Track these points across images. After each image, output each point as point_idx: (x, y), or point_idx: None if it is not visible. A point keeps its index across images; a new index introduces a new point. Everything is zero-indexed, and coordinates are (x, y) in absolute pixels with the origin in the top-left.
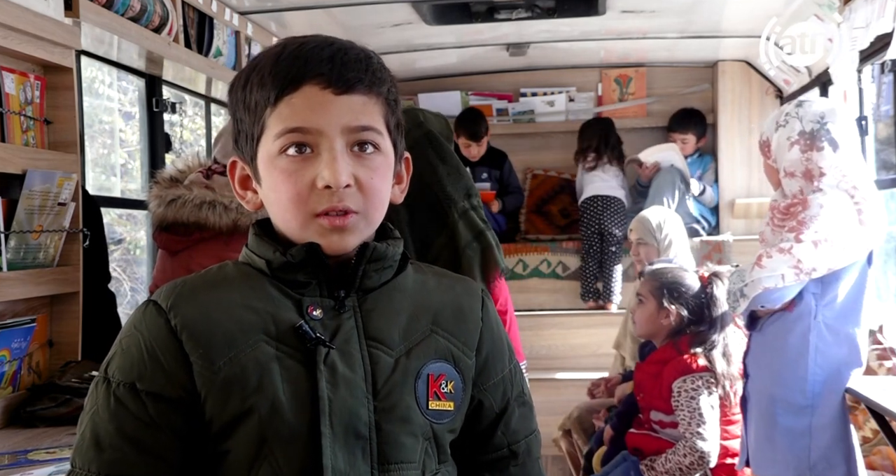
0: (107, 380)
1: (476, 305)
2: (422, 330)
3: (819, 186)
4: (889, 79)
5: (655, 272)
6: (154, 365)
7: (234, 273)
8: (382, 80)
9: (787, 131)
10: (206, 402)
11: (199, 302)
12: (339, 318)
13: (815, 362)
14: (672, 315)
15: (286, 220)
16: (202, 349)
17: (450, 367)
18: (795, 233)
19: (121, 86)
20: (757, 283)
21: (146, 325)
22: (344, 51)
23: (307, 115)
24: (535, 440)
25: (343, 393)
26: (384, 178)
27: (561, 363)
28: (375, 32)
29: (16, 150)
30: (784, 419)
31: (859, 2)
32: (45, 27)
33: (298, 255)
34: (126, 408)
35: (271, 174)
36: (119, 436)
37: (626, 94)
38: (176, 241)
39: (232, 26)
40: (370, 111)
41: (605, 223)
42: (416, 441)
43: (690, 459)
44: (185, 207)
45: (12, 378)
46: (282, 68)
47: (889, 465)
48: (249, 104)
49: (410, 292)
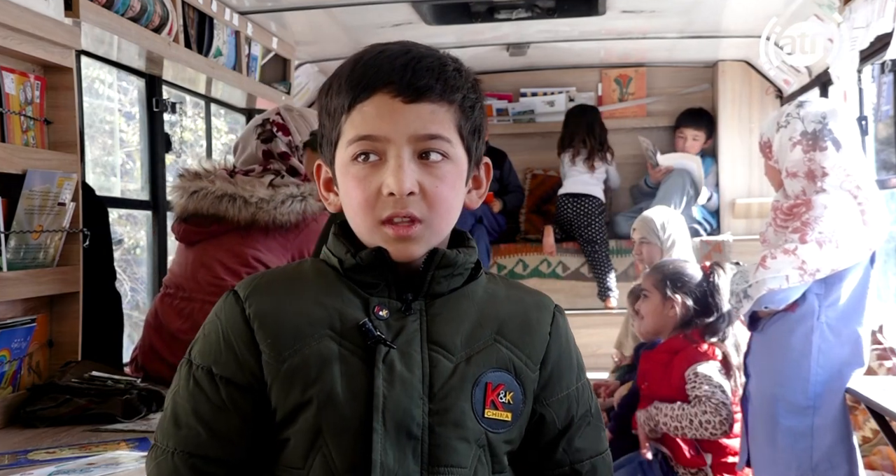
0: (189, 362)
1: (546, 319)
2: (485, 338)
3: (822, 187)
4: (889, 79)
5: (657, 265)
6: (228, 351)
7: (310, 270)
8: (456, 88)
9: (789, 132)
10: (272, 390)
11: (273, 294)
12: (403, 320)
13: (818, 363)
14: (677, 305)
15: (356, 224)
16: (270, 339)
17: (510, 378)
18: (800, 234)
19: (121, 86)
20: (761, 284)
21: (225, 312)
22: (418, 59)
23: (377, 123)
24: (601, 462)
25: (398, 392)
26: (452, 187)
27: None
28: (375, 32)
29: (16, 150)
30: (786, 419)
31: (859, 2)
32: (45, 27)
33: (367, 259)
34: (202, 390)
35: (344, 179)
36: (195, 416)
37: (626, 94)
38: (193, 232)
39: (232, 26)
40: (440, 119)
41: (576, 224)
42: (469, 447)
43: (709, 418)
44: (205, 199)
45: (12, 378)
46: (357, 76)
47: (889, 465)
48: (329, 110)
49: (478, 301)
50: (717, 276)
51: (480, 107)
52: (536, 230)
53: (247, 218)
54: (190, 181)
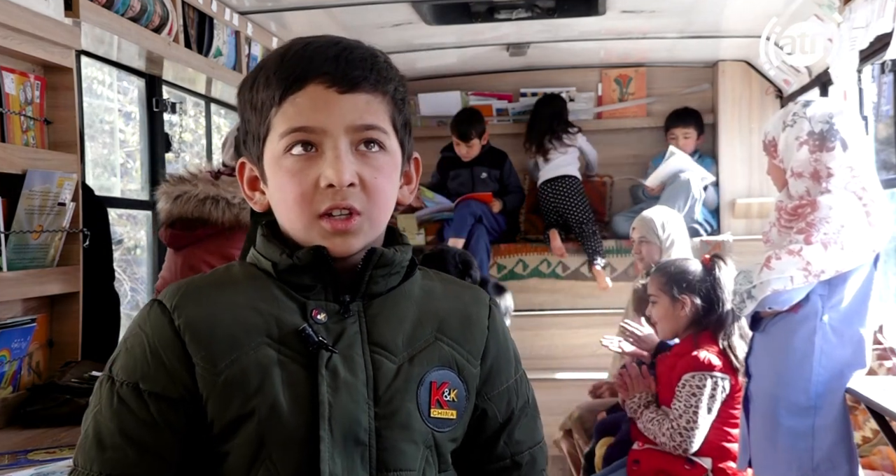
0: (111, 379)
1: (483, 313)
2: (426, 337)
3: (827, 187)
4: (889, 79)
5: (660, 268)
6: (157, 365)
7: (240, 274)
8: (388, 79)
9: (796, 131)
10: (208, 403)
11: (203, 302)
12: (343, 323)
13: (820, 363)
14: (687, 305)
15: (291, 220)
16: (205, 351)
17: (453, 376)
18: (805, 234)
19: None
20: (766, 285)
21: (150, 324)
22: (349, 50)
23: (311, 114)
24: (539, 451)
25: (344, 398)
26: (389, 178)
27: (561, 363)
28: (375, 32)
29: (16, 150)
30: (787, 420)
31: (859, 2)
32: (45, 27)
33: (305, 258)
34: (128, 407)
35: (277, 174)
36: (121, 435)
37: (626, 94)
38: (180, 236)
39: (232, 26)
40: (375, 110)
41: (561, 208)
42: (417, 448)
43: (665, 441)
44: (189, 203)
45: (12, 378)
46: (287, 68)
47: (889, 465)
48: (256, 104)
49: (417, 299)
50: (718, 268)
51: (407, 101)
52: (536, 230)
53: (230, 219)
54: (174, 186)
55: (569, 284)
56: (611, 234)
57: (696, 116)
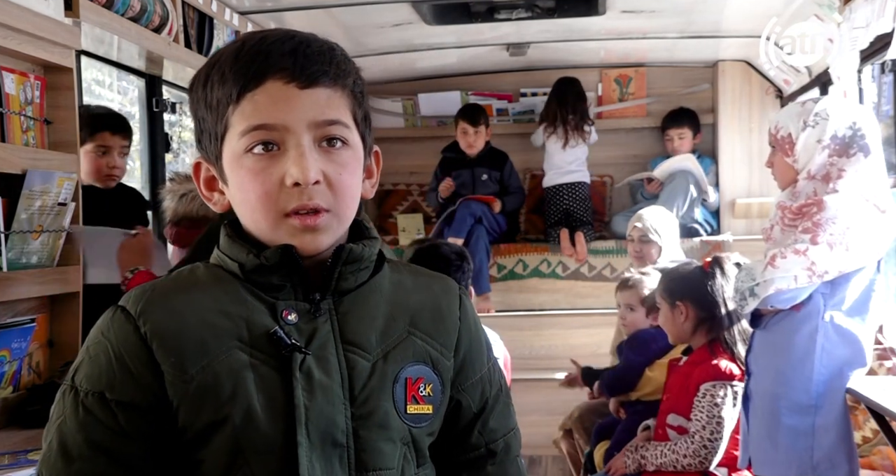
0: (74, 389)
1: (454, 304)
2: (399, 332)
3: (834, 188)
4: (889, 79)
5: (663, 275)
6: (123, 373)
7: (205, 276)
8: (347, 73)
9: (818, 133)
10: (179, 410)
11: (169, 307)
12: (314, 322)
13: (821, 362)
14: (685, 312)
15: (256, 220)
16: (174, 357)
17: (428, 370)
18: (811, 234)
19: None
20: (769, 284)
21: (114, 332)
22: (306, 43)
23: (271, 111)
24: (513, 438)
25: (320, 400)
26: (354, 174)
27: (561, 363)
28: (375, 32)
29: (16, 150)
30: (788, 419)
31: (859, 2)
32: (45, 27)
33: (273, 258)
34: (95, 417)
35: (238, 174)
36: (88, 446)
37: (626, 94)
38: (185, 234)
39: (232, 26)
40: (336, 104)
41: (570, 211)
42: (395, 447)
43: (690, 461)
44: (194, 201)
45: (12, 378)
46: (243, 64)
47: (889, 465)
48: (211, 102)
49: (387, 293)
50: (717, 273)
51: (366, 94)
52: (536, 230)
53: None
54: (180, 184)
55: (569, 284)
56: (611, 234)
57: (691, 116)
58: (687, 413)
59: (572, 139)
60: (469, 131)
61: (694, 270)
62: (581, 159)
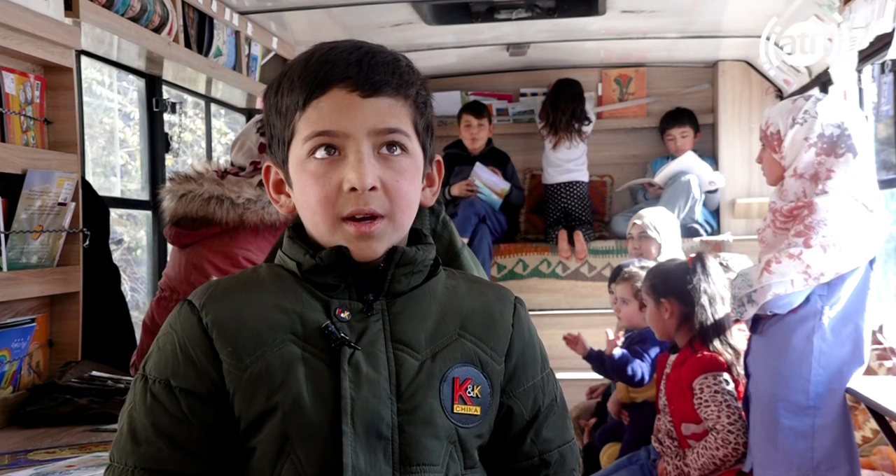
0: (144, 377)
1: (507, 311)
2: (449, 334)
3: (824, 189)
4: (889, 79)
5: (648, 272)
6: (186, 362)
7: (266, 275)
8: (410, 83)
9: (805, 131)
10: (235, 398)
11: (230, 301)
12: (366, 321)
13: (819, 363)
14: (670, 309)
15: (315, 223)
16: (231, 347)
17: (476, 372)
18: (804, 238)
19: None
20: (766, 290)
21: (180, 323)
22: (372, 54)
23: (334, 118)
24: (569, 450)
25: (366, 393)
26: (411, 181)
27: (561, 363)
28: (375, 32)
29: (16, 150)
30: (787, 420)
31: (859, 2)
32: (45, 27)
33: (328, 259)
34: (161, 403)
35: (301, 177)
36: (154, 431)
37: (626, 94)
38: (184, 235)
39: (232, 26)
40: (397, 113)
41: (569, 210)
42: (440, 444)
43: (724, 452)
44: (194, 202)
45: (12, 378)
46: (310, 72)
47: (889, 465)
48: (280, 109)
49: (440, 297)
50: (697, 270)
51: (431, 104)
52: (536, 230)
53: (234, 219)
54: (179, 184)
55: (569, 284)
56: (611, 233)
57: (690, 115)
58: (695, 417)
59: (565, 140)
60: (472, 123)
61: (677, 267)
62: (579, 158)
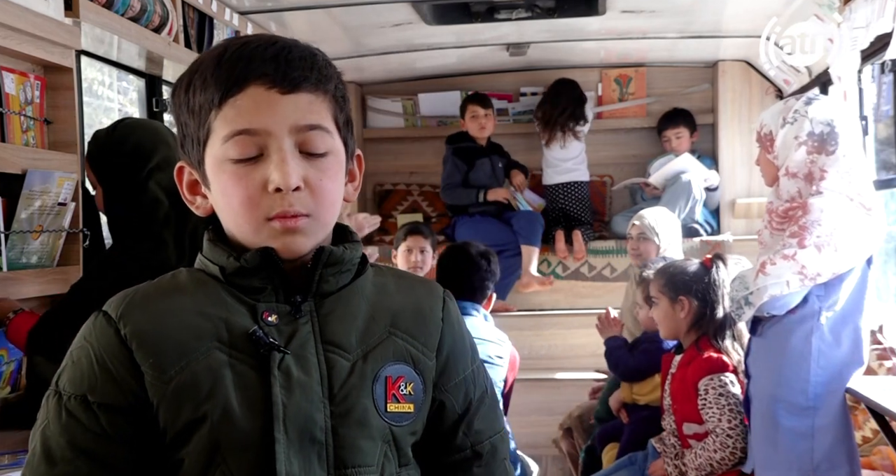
0: (58, 393)
1: (437, 306)
2: (380, 332)
3: (818, 189)
4: (889, 79)
5: (660, 270)
6: (105, 376)
7: (187, 280)
8: (329, 78)
9: (795, 130)
10: (159, 410)
11: (150, 310)
12: (295, 324)
13: (818, 363)
14: (686, 307)
15: (238, 224)
16: (153, 358)
17: (409, 369)
18: (798, 238)
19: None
20: (763, 291)
21: (96, 335)
22: (288, 49)
23: (254, 116)
24: (500, 440)
25: (298, 398)
26: (335, 179)
27: (561, 363)
28: (375, 32)
29: (16, 150)
30: (786, 420)
31: (859, 2)
32: (45, 27)
33: (253, 260)
34: (77, 420)
35: (220, 178)
36: (71, 449)
37: (626, 94)
38: None
39: (232, 26)
40: (318, 109)
41: (570, 211)
42: (375, 444)
43: (722, 454)
44: None
45: (10, 378)
46: (225, 69)
47: (889, 465)
48: (193, 107)
49: (369, 295)
50: (717, 269)
51: (348, 99)
52: None
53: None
54: None
55: (569, 284)
56: (611, 234)
57: (686, 115)
58: (697, 418)
59: (558, 138)
60: (480, 113)
61: (695, 266)
62: (577, 158)
